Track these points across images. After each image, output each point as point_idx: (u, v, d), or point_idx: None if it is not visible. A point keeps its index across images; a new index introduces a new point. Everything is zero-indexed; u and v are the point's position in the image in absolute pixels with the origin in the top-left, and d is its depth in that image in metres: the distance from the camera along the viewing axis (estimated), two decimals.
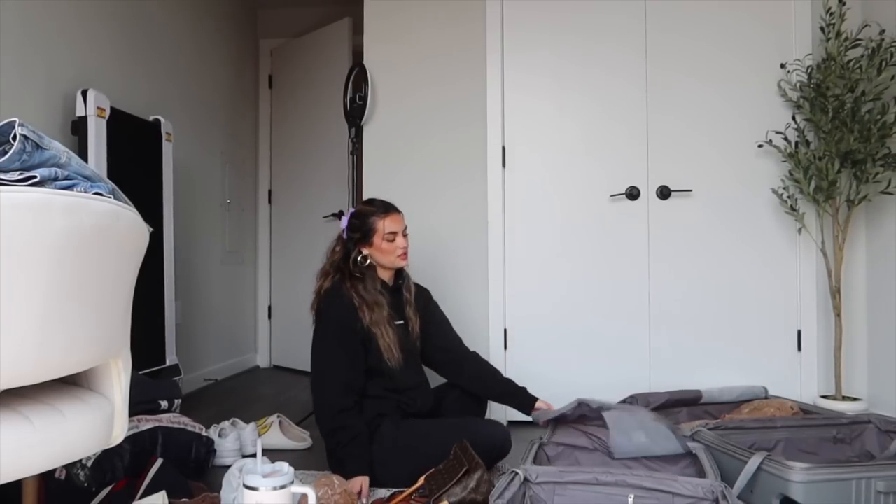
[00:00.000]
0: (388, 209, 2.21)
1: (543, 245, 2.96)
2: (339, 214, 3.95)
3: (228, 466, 1.86)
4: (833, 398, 2.66)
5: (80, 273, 1.08)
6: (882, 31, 2.62)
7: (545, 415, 2.07)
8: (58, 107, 2.56)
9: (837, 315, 2.68)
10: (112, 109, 2.64)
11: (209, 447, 2.21)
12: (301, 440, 2.56)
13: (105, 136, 2.60)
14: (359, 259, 2.16)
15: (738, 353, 2.86)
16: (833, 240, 2.72)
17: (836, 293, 2.69)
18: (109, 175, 2.54)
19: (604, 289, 2.92)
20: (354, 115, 3.16)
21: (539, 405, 2.20)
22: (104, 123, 2.60)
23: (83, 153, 2.51)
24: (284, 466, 1.38)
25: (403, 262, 2.20)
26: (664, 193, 2.89)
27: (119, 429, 1.29)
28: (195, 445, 2.13)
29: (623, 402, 2.59)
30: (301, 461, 2.22)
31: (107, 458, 1.82)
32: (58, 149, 1.10)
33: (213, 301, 3.91)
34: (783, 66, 2.82)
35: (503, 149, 2.99)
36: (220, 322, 4.00)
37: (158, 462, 1.87)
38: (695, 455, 1.88)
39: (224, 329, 4.05)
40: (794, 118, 2.78)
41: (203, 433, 2.19)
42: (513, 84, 2.99)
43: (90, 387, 1.30)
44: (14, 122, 1.03)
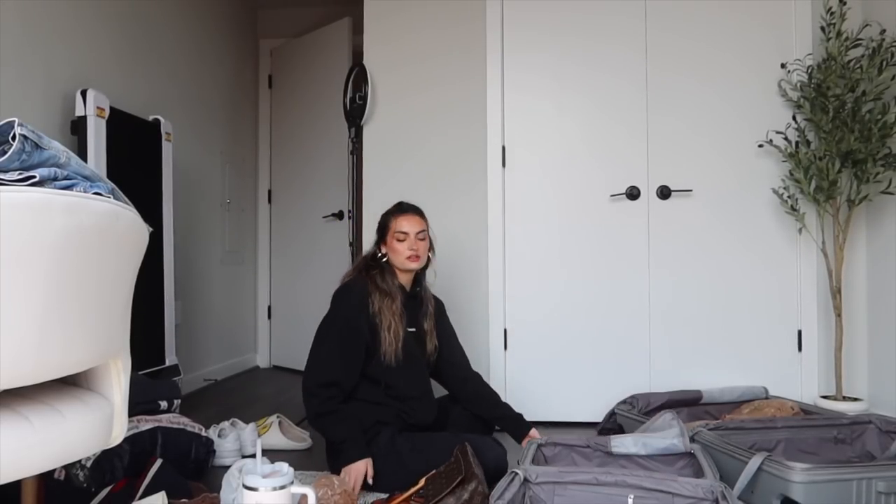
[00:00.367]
0: (403, 209, 2.24)
1: (543, 245, 2.96)
2: (340, 214, 3.95)
3: (228, 467, 1.86)
4: (833, 398, 2.66)
5: (80, 273, 1.07)
6: (883, 31, 2.62)
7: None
8: (57, 106, 2.56)
9: (838, 315, 2.68)
10: (112, 109, 2.64)
11: (209, 447, 2.21)
12: (301, 440, 2.56)
13: (104, 136, 2.60)
14: (378, 256, 2.22)
15: (739, 354, 2.85)
16: (833, 240, 2.72)
17: (837, 293, 2.68)
18: (109, 175, 2.54)
19: (604, 288, 2.92)
20: (354, 115, 3.16)
21: (533, 434, 2.16)
22: (104, 123, 2.60)
23: (82, 153, 2.51)
24: (284, 467, 1.38)
25: (412, 265, 2.19)
26: (664, 193, 2.89)
27: (119, 429, 1.29)
28: (195, 446, 2.13)
29: (623, 403, 2.60)
30: (301, 461, 2.22)
31: (106, 459, 1.82)
32: (57, 149, 1.10)
33: (213, 301, 3.91)
34: (783, 66, 2.82)
35: (503, 149, 2.98)
36: (220, 322, 4.00)
37: (158, 462, 1.86)
38: (693, 455, 1.88)
39: (224, 329, 4.05)
40: (795, 118, 2.78)
41: (203, 433, 2.19)
42: (513, 84, 2.99)
43: (90, 387, 1.30)
44: (13, 122, 1.03)
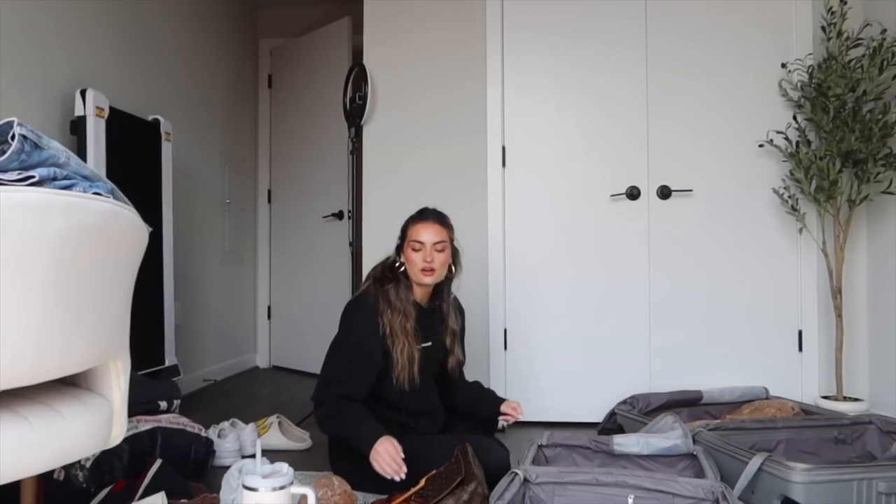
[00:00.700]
0: (423, 216, 2.05)
1: (543, 245, 2.95)
2: (339, 214, 3.95)
3: (228, 467, 1.85)
4: (834, 398, 2.66)
5: (79, 273, 1.07)
6: (883, 31, 2.62)
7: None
8: (56, 106, 2.55)
9: (838, 315, 2.68)
10: (111, 109, 2.63)
11: (208, 448, 2.21)
12: (301, 441, 2.56)
13: (104, 136, 2.59)
14: (396, 265, 2.05)
15: (739, 354, 2.85)
16: (834, 240, 2.72)
17: (837, 293, 2.68)
18: (108, 175, 2.53)
19: (604, 288, 2.92)
20: (354, 115, 3.16)
21: (504, 408, 2.09)
22: (103, 123, 2.59)
23: (82, 153, 2.50)
24: (284, 467, 1.38)
25: (425, 279, 2.00)
26: (664, 193, 2.88)
27: (118, 429, 1.29)
28: (194, 446, 2.12)
29: (623, 403, 2.59)
30: (301, 462, 2.22)
31: (106, 459, 1.82)
32: (57, 149, 1.10)
33: (213, 301, 3.91)
34: (784, 66, 2.82)
35: (503, 149, 2.98)
36: (220, 322, 3.99)
37: (157, 463, 1.86)
38: (694, 456, 1.87)
39: (223, 329, 4.04)
40: (795, 118, 2.78)
41: (202, 434, 2.19)
42: (513, 84, 2.98)
43: (89, 387, 1.30)
44: (13, 122, 1.03)
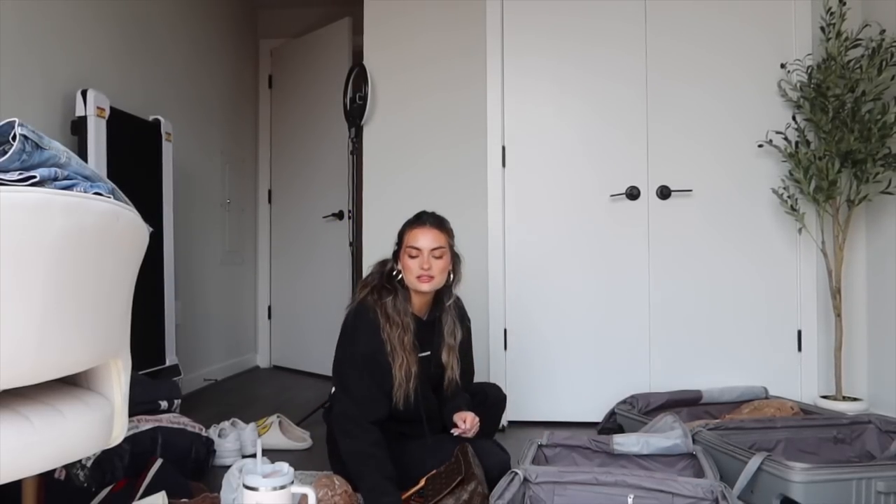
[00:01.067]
0: (420, 221, 1.96)
1: (543, 245, 2.96)
2: (340, 214, 3.95)
3: (228, 467, 1.86)
4: (833, 398, 2.66)
5: (80, 273, 1.07)
6: (882, 31, 2.62)
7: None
8: (57, 107, 2.56)
9: (838, 315, 2.68)
10: (112, 109, 2.64)
11: (209, 447, 2.21)
12: (301, 440, 2.56)
13: (105, 136, 2.60)
14: (393, 273, 1.96)
15: (739, 354, 2.86)
16: (833, 240, 2.72)
17: (837, 293, 2.68)
18: (109, 175, 2.54)
19: (604, 288, 2.92)
20: (354, 115, 3.16)
21: (456, 418, 1.95)
22: (104, 123, 2.60)
23: (83, 153, 2.51)
24: (284, 467, 1.38)
25: (422, 287, 1.90)
26: (664, 193, 2.89)
27: (119, 429, 1.29)
28: (195, 446, 2.13)
29: (623, 403, 2.60)
30: (301, 461, 2.22)
31: (106, 459, 1.82)
32: (57, 149, 1.10)
33: (213, 301, 3.91)
34: (783, 66, 2.82)
35: (503, 149, 2.98)
36: (220, 322, 4.00)
37: (158, 462, 1.86)
38: (694, 455, 1.88)
39: (224, 329, 4.05)
40: (795, 118, 2.78)
41: (203, 433, 2.19)
42: (513, 86, 2.98)
43: (90, 387, 1.30)
44: (14, 122, 1.03)
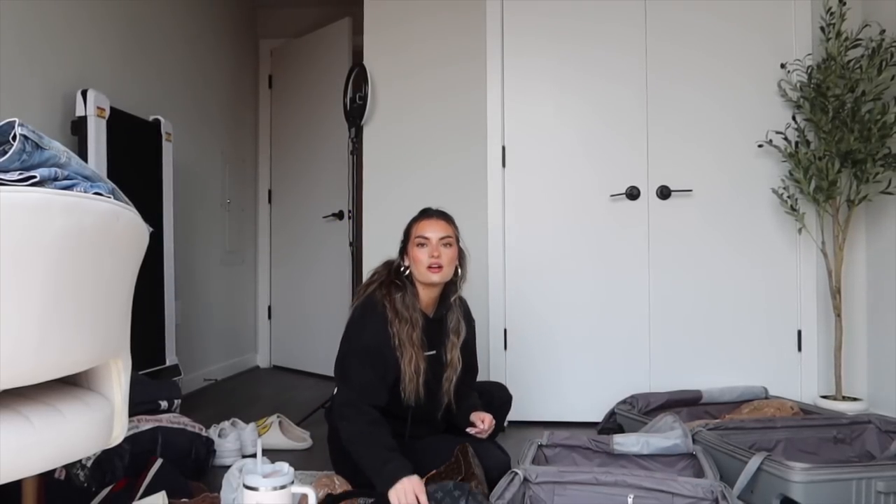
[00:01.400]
0: (427, 214, 2.01)
1: (543, 245, 2.96)
2: (340, 214, 3.95)
3: (228, 466, 1.86)
4: (833, 398, 2.66)
5: (80, 273, 1.07)
6: (882, 31, 2.62)
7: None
8: (57, 107, 2.56)
9: (838, 315, 2.68)
10: (112, 109, 2.64)
11: (209, 447, 2.21)
12: (301, 440, 2.56)
13: (105, 136, 2.60)
14: (401, 269, 1.98)
15: (739, 353, 2.86)
16: (833, 240, 2.72)
17: (837, 293, 2.68)
18: (109, 175, 2.54)
19: (604, 288, 2.92)
20: (354, 115, 3.16)
21: (473, 417, 1.97)
22: (104, 123, 2.60)
23: (83, 153, 2.51)
24: (284, 466, 1.38)
25: (433, 277, 1.91)
26: (664, 193, 2.89)
27: (119, 429, 1.29)
28: (195, 446, 2.13)
29: (623, 403, 2.60)
30: (301, 461, 2.22)
31: (107, 459, 1.82)
32: (58, 149, 1.10)
33: (213, 301, 3.91)
34: (783, 66, 2.82)
35: (503, 149, 2.98)
36: (220, 322, 4.00)
37: (158, 462, 1.87)
38: (694, 455, 1.88)
39: (224, 329, 4.05)
40: (795, 118, 2.78)
41: (203, 433, 2.19)
42: (513, 87, 2.98)
43: (90, 387, 1.30)
44: (14, 122, 1.03)
